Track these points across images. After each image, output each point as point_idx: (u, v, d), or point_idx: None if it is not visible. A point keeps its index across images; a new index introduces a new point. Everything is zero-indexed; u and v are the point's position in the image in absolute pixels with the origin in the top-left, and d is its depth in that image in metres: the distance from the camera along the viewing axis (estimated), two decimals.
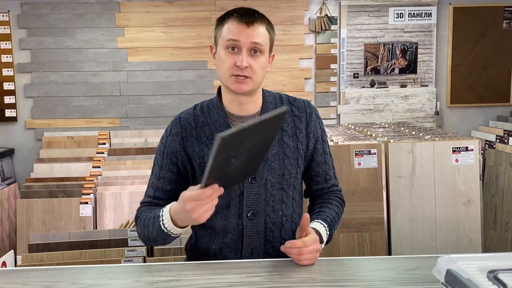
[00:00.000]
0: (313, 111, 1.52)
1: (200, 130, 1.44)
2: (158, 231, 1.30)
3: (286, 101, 1.50)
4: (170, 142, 1.45)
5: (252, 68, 1.35)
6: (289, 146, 1.45)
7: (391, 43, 4.24)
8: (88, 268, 1.23)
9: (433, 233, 2.41)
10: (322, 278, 1.16)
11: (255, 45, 1.35)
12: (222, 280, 1.14)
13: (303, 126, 1.48)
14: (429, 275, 1.17)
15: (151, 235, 1.34)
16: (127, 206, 3.41)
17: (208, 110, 1.46)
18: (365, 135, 2.85)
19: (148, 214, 1.38)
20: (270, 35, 1.41)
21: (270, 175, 1.41)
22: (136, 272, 1.20)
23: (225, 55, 1.35)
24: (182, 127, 1.46)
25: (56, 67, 4.00)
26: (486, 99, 4.36)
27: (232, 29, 1.35)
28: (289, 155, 1.44)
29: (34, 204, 3.40)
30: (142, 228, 1.38)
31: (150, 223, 1.34)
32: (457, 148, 2.38)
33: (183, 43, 4.06)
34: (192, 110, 1.49)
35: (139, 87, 4.06)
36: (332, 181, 1.54)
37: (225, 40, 1.35)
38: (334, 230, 1.46)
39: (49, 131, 4.04)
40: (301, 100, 1.53)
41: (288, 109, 1.29)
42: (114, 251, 2.20)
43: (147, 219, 1.36)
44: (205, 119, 1.45)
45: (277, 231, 1.43)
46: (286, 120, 1.47)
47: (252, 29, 1.35)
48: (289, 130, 1.47)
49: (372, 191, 2.42)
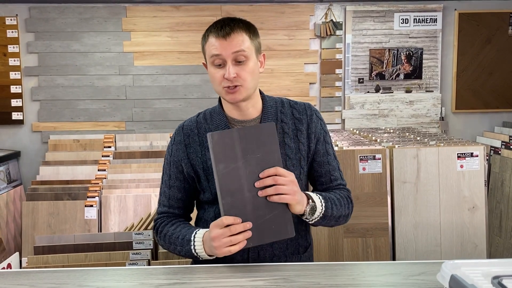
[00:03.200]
0: (313, 112, 1.55)
1: (203, 136, 1.49)
2: (187, 253, 1.37)
3: (287, 104, 1.54)
4: (175, 151, 1.51)
5: (241, 76, 1.39)
6: (291, 148, 1.48)
7: (396, 48, 4.25)
8: (94, 271, 1.24)
9: (437, 239, 2.41)
10: (326, 282, 1.16)
11: (237, 54, 1.38)
12: (227, 284, 1.15)
13: (304, 128, 1.51)
14: (433, 280, 1.17)
15: (178, 253, 1.41)
16: (132, 209, 3.43)
17: (211, 117, 1.52)
18: (370, 140, 2.86)
19: (173, 231, 1.43)
20: (252, 39, 1.43)
21: None
22: (141, 275, 1.21)
23: (214, 70, 1.41)
24: (185, 135, 1.51)
25: (62, 71, 4.03)
26: (492, 105, 4.35)
27: (212, 44, 1.39)
28: (291, 157, 1.47)
29: (40, 206, 3.42)
30: (168, 244, 1.44)
31: (178, 243, 1.39)
32: (462, 154, 2.37)
33: (189, 47, 4.08)
34: (195, 117, 1.55)
35: (144, 91, 4.08)
36: (338, 181, 1.55)
37: (210, 57, 1.40)
38: (332, 207, 1.44)
39: (55, 134, 4.06)
40: (302, 103, 1.57)
41: (273, 124, 1.30)
42: (119, 254, 2.21)
43: (174, 237, 1.41)
44: (207, 125, 1.50)
45: None
46: (287, 123, 1.51)
47: (230, 40, 1.38)
48: (290, 132, 1.51)
49: (377, 196, 2.42)
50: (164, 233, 1.46)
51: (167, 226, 1.47)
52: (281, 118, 1.51)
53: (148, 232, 2.25)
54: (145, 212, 3.35)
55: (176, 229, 1.44)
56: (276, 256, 1.44)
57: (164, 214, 1.52)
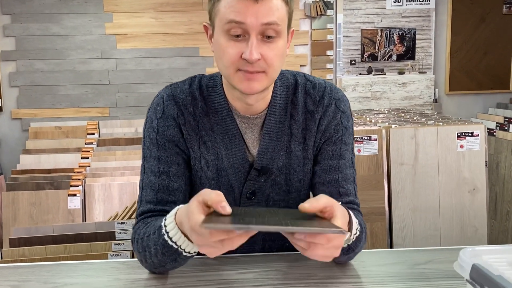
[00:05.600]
0: (333, 101, 1.13)
1: (199, 120, 1.10)
2: (162, 248, 0.94)
3: (301, 89, 1.13)
4: (165, 127, 1.09)
5: (267, 59, 0.97)
6: (298, 157, 1.13)
7: (388, 28, 4.12)
8: (62, 265, 1.11)
9: (436, 223, 2.30)
10: (323, 274, 1.04)
11: (267, 27, 0.95)
12: (212, 278, 1.03)
13: (314, 125, 1.13)
14: (442, 269, 1.05)
15: (155, 259, 0.97)
16: (117, 198, 3.31)
17: (209, 95, 1.11)
18: (364, 122, 2.73)
19: (146, 230, 1.01)
20: (289, 7, 1.02)
21: (273, 191, 1.15)
22: (116, 269, 1.08)
23: (227, 42, 0.97)
24: (178, 110, 1.10)
25: (42, 55, 3.85)
26: (486, 86, 4.26)
27: (233, 5, 0.94)
28: (297, 169, 1.14)
29: (21, 196, 3.28)
30: (143, 252, 1.00)
31: (151, 241, 0.96)
32: (462, 133, 2.26)
33: (174, 29, 3.91)
34: (187, 87, 1.12)
35: (128, 75, 3.92)
36: (350, 197, 1.14)
37: (225, 22, 0.96)
38: (361, 241, 1.05)
39: (36, 121, 3.90)
40: (322, 85, 1.14)
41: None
42: (100, 245, 2.09)
43: (145, 236, 0.99)
44: (205, 106, 1.11)
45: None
46: (297, 119, 1.13)
47: (263, 4, 0.93)
48: (299, 133, 1.13)
49: (373, 179, 2.30)
50: (139, 239, 1.02)
51: (142, 228, 1.03)
52: (290, 113, 1.13)
53: (132, 221, 2.13)
54: (131, 201, 3.23)
55: (150, 226, 1.01)
56: (286, 249, 1.20)
57: (148, 214, 1.06)
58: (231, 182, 1.14)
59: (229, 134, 1.12)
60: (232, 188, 1.14)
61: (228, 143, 1.12)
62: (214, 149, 1.12)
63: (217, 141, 1.12)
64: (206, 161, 1.12)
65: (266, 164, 1.13)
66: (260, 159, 1.13)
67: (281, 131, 1.13)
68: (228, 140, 1.12)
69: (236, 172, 1.13)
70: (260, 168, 1.13)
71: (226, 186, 1.14)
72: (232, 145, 1.12)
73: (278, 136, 1.13)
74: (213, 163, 1.12)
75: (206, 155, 1.12)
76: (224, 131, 1.12)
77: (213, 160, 1.12)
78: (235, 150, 1.12)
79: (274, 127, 1.13)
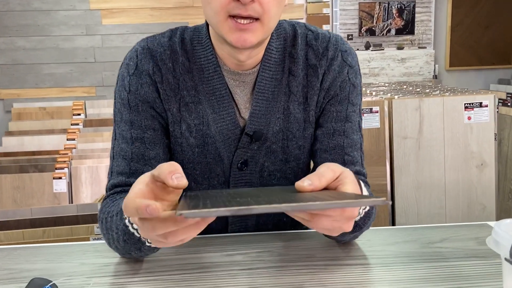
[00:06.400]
0: (339, 53, 0.97)
1: (180, 78, 0.95)
2: (123, 235, 0.79)
3: (301, 41, 0.97)
4: (139, 85, 0.93)
5: (262, 2, 0.81)
6: (297, 120, 0.98)
7: (387, 1, 3.94)
8: (21, 249, 0.96)
9: (442, 200, 2.16)
10: (323, 255, 0.90)
11: None
12: (193, 261, 0.88)
13: (317, 81, 0.97)
14: (461, 248, 0.91)
15: (118, 245, 0.82)
16: (105, 180, 3.17)
17: (193, 49, 0.95)
18: (364, 94, 2.58)
19: (111, 209, 0.86)
20: None
21: (268, 160, 1.00)
22: (83, 253, 0.93)
23: None
24: (155, 65, 0.94)
25: (23, 32, 3.66)
26: (487, 61, 4.12)
27: None
28: (296, 134, 0.99)
29: (3, 180, 3.14)
30: (106, 235, 0.85)
31: (114, 224, 0.82)
32: (470, 104, 2.11)
33: (161, 3, 3.73)
34: (167, 40, 0.96)
35: (115, 52, 3.74)
36: (356, 167, 0.98)
37: None
38: (371, 218, 0.91)
39: (19, 101, 3.74)
40: (326, 36, 0.98)
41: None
42: (82, 228, 1.95)
43: (109, 216, 0.84)
44: (187, 62, 0.95)
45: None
46: (297, 75, 0.97)
47: None
48: (299, 92, 0.97)
49: (374, 154, 2.15)
50: (103, 218, 0.87)
51: (109, 206, 0.88)
52: (289, 68, 0.97)
53: None
54: None
55: (115, 205, 0.86)
56: (282, 226, 1.06)
57: (119, 189, 0.92)
58: (219, 150, 0.97)
59: (216, 95, 0.95)
60: (221, 158, 0.98)
61: (215, 105, 0.95)
62: (198, 112, 0.96)
63: (202, 103, 0.95)
64: (188, 125, 0.96)
65: (259, 129, 0.96)
66: (253, 122, 0.96)
67: (277, 89, 0.97)
68: (215, 101, 0.95)
69: (225, 139, 0.97)
70: (252, 133, 0.96)
71: (214, 155, 0.98)
72: (220, 108, 0.95)
73: (274, 95, 0.97)
74: (197, 128, 0.96)
75: (188, 119, 0.96)
76: (211, 91, 0.95)
77: (197, 125, 0.96)
78: (224, 113, 0.95)
79: (269, 85, 0.96)
